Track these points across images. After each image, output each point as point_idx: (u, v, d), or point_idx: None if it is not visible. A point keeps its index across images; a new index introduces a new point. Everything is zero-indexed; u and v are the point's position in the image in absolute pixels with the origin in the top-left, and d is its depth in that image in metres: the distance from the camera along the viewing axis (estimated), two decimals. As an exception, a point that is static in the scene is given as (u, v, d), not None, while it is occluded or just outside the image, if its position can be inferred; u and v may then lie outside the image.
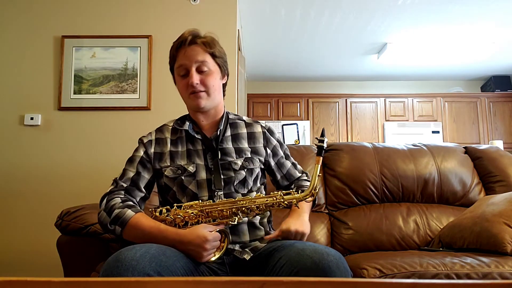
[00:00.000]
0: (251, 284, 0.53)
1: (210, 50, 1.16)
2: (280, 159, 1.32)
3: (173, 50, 1.19)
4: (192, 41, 1.15)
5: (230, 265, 1.10)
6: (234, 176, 1.17)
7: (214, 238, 1.01)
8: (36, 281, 0.52)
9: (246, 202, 1.06)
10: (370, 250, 1.71)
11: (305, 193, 1.07)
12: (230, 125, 1.27)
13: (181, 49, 1.16)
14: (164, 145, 1.22)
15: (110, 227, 1.08)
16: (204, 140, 1.21)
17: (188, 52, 1.15)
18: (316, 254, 0.88)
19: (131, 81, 2.55)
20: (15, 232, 2.43)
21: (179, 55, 1.17)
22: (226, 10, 2.63)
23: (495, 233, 1.38)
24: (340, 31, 3.95)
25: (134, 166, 1.20)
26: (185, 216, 1.06)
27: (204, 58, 1.16)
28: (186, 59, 1.15)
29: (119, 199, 1.12)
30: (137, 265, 0.84)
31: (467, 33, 3.96)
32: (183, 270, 0.95)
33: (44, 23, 2.60)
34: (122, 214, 1.07)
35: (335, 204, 1.89)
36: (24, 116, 2.52)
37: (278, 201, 1.06)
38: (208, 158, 1.18)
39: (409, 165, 1.91)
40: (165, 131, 1.25)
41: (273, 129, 1.34)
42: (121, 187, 1.16)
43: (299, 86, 5.63)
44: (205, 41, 1.17)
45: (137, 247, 0.89)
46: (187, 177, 1.16)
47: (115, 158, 2.45)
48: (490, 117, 5.10)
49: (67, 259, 1.39)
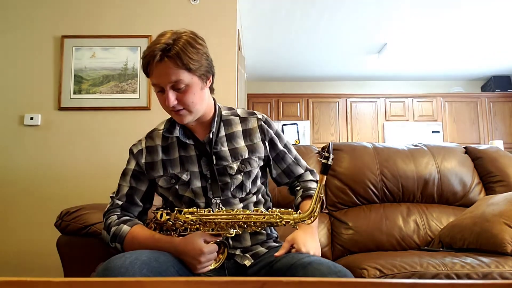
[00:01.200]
0: (251, 284, 0.53)
1: (182, 66, 1.01)
2: (279, 152, 1.23)
3: (143, 66, 1.05)
4: (161, 59, 1.00)
5: (230, 270, 1.08)
6: (231, 181, 1.13)
7: (210, 251, 0.97)
8: (36, 281, 0.52)
9: (242, 217, 1.00)
10: (370, 250, 1.71)
11: (303, 215, 0.97)
12: (223, 123, 1.18)
13: (151, 67, 1.03)
14: (155, 154, 1.16)
15: (112, 244, 1.10)
16: (196, 145, 1.14)
17: (159, 71, 1.02)
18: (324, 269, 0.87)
19: (131, 81, 2.55)
20: (15, 232, 2.43)
21: (151, 72, 1.04)
22: (226, 10, 2.62)
23: (495, 233, 1.38)
24: (340, 31, 3.95)
25: (127, 180, 1.17)
26: (185, 222, 1.04)
27: (177, 76, 1.01)
28: (158, 79, 1.03)
29: (115, 216, 1.12)
30: (126, 273, 0.82)
31: (467, 33, 3.96)
32: (178, 275, 0.94)
33: (44, 23, 2.60)
34: (119, 230, 1.08)
35: (335, 204, 1.89)
36: (24, 116, 2.52)
37: (274, 221, 0.99)
38: (202, 165, 1.13)
39: (409, 165, 1.91)
40: (156, 137, 1.19)
41: (270, 121, 1.24)
42: (117, 205, 1.15)
43: (299, 86, 5.63)
44: (175, 54, 1.00)
45: (127, 255, 0.88)
46: (181, 185, 1.12)
47: (115, 158, 2.45)
48: (490, 117, 5.10)
49: (67, 259, 1.39)
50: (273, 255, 1.04)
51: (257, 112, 1.24)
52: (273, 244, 1.18)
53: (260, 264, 1.07)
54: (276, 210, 1.01)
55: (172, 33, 1.04)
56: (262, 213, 1.01)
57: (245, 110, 1.24)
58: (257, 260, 1.09)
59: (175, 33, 1.04)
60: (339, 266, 0.92)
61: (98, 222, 1.37)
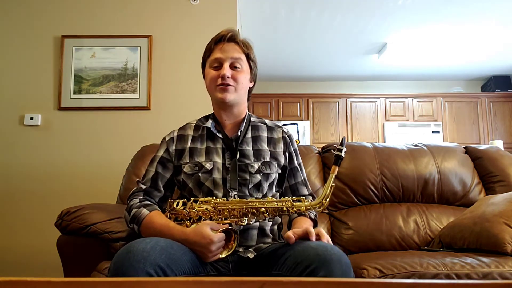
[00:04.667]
0: (251, 284, 0.53)
1: (246, 50, 1.21)
2: (292, 168, 1.30)
3: (210, 43, 1.22)
4: (231, 38, 1.20)
5: (234, 263, 1.11)
6: (249, 179, 1.18)
7: (219, 239, 1.01)
8: (36, 281, 0.52)
9: (256, 203, 1.06)
10: (370, 250, 1.71)
11: (315, 202, 1.05)
12: (251, 127, 1.28)
13: (219, 44, 1.20)
14: (185, 142, 1.25)
15: (130, 225, 1.16)
16: (224, 139, 1.22)
17: (225, 48, 1.19)
18: (320, 247, 0.91)
19: (131, 81, 2.55)
20: (15, 232, 2.43)
21: (216, 49, 1.20)
22: (226, 10, 2.63)
23: (495, 233, 1.38)
24: (340, 31, 3.95)
25: (154, 166, 1.25)
26: (199, 211, 1.08)
27: (239, 56, 1.20)
28: (223, 53, 1.19)
29: (137, 199, 1.19)
30: (148, 257, 0.86)
31: (467, 33, 3.96)
32: (189, 264, 0.97)
33: (44, 23, 2.60)
34: (138, 213, 1.13)
35: (335, 204, 1.89)
36: (24, 116, 2.52)
37: (287, 206, 1.05)
38: (226, 157, 1.20)
39: (409, 165, 1.91)
40: (188, 128, 1.29)
41: (293, 138, 1.34)
42: (141, 189, 1.23)
43: (299, 86, 5.62)
44: (243, 41, 1.22)
45: (147, 240, 0.92)
46: (204, 174, 1.18)
47: (115, 158, 2.45)
48: (490, 117, 5.10)
49: (67, 259, 1.39)
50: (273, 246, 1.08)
51: (283, 126, 1.35)
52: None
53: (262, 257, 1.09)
54: (288, 198, 1.07)
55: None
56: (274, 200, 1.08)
57: (273, 122, 1.36)
58: (260, 252, 1.11)
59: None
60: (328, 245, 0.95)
61: (99, 222, 1.37)
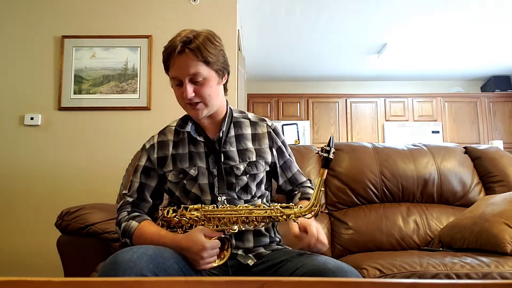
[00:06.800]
0: (251, 284, 0.53)
1: (201, 58, 1.07)
2: (286, 161, 1.27)
3: (164, 59, 1.12)
4: (182, 50, 1.06)
5: (233, 268, 1.09)
6: (236, 182, 1.14)
7: (212, 246, 0.97)
8: (36, 281, 0.52)
9: (244, 212, 1.02)
10: (370, 250, 1.71)
11: (304, 209, 0.99)
12: (234, 124, 1.22)
13: (171, 59, 1.09)
14: (166, 149, 1.20)
15: (122, 240, 1.13)
16: (206, 142, 1.18)
17: (179, 63, 1.08)
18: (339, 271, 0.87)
19: (131, 81, 2.55)
20: (15, 232, 2.43)
21: (170, 65, 1.10)
22: (226, 10, 2.63)
23: (495, 233, 1.38)
24: (340, 31, 3.95)
25: (138, 176, 1.20)
26: (190, 218, 1.06)
27: (196, 69, 1.07)
28: (178, 71, 1.08)
29: (125, 213, 1.16)
30: (134, 267, 0.84)
31: (467, 33, 3.96)
32: (181, 272, 0.94)
33: (44, 23, 2.60)
34: (128, 226, 1.11)
35: (335, 204, 1.89)
36: (24, 116, 2.52)
37: (276, 215, 1.01)
38: (210, 162, 1.16)
39: (409, 165, 1.91)
40: (168, 133, 1.23)
41: (279, 129, 1.28)
42: (128, 202, 1.19)
43: (299, 86, 5.63)
44: (196, 47, 1.06)
45: (134, 249, 0.89)
46: (189, 180, 1.14)
47: (115, 158, 2.45)
48: (490, 117, 5.10)
49: (67, 259, 1.39)
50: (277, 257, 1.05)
51: (267, 119, 1.28)
52: (276, 246, 1.18)
53: (264, 265, 1.07)
54: (277, 205, 1.03)
55: (191, 30, 1.10)
56: (263, 207, 1.04)
57: (256, 115, 1.29)
58: (260, 260, 1.09)
59: (194, 30, 1.11)
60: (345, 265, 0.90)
61: (98, 222, 1.37)
